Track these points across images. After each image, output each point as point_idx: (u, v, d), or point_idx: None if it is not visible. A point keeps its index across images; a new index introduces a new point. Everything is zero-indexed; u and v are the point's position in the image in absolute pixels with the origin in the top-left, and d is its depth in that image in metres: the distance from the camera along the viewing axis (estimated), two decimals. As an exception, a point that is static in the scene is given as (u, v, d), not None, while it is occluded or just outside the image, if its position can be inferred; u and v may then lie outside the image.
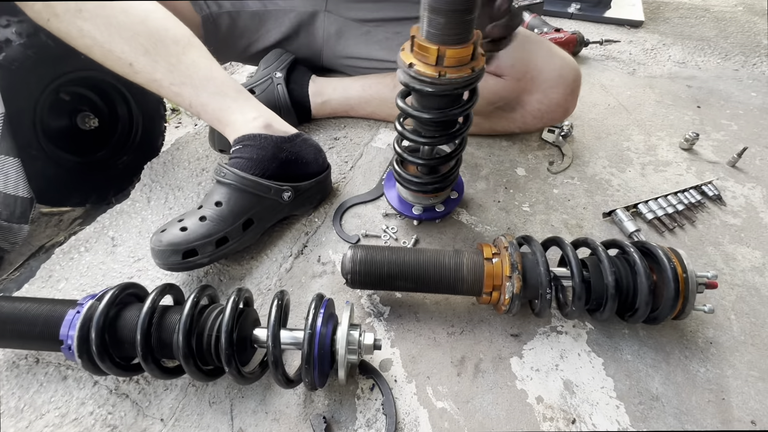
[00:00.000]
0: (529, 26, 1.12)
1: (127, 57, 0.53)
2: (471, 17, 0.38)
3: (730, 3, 1.38)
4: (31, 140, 0.62)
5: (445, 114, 0.46)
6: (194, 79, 0.55)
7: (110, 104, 0.74)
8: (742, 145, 0.79)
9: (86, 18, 0.51)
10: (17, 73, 0.57)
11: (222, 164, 0.54)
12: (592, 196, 0.69)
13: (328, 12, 0.78)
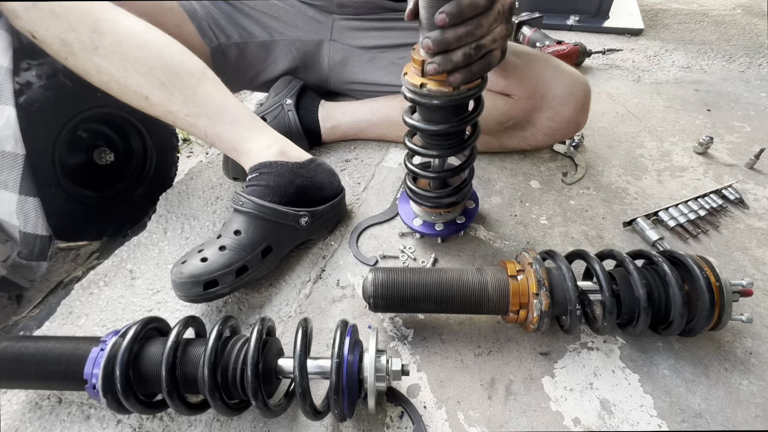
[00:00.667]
0: (530, 40, 1.14)
1: (143, 91, 0.55)
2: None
3: (728, 6, 1.39)
4: (51, 178, 0.64)
5: (452, 125, 0.46)
6: (209, 109, 0.56)
7: (125, 138, 0.76)
8: (757, 146, 0.78)
9: (102, 55, 0.53)
10: (37, 114, 0.59)
11: (239, 192, 0.55)
12: (610, 205, 0.68)
13: (333, 41, 0.80)
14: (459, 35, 0.36)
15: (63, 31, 0.51)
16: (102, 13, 0.53)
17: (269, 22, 0.76)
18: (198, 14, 0.69)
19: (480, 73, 0.40)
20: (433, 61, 0.38)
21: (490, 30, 0.37)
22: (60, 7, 0.51)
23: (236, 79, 0.81)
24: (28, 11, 0.51)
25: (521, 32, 1.17)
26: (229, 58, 0.76)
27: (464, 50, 0.37)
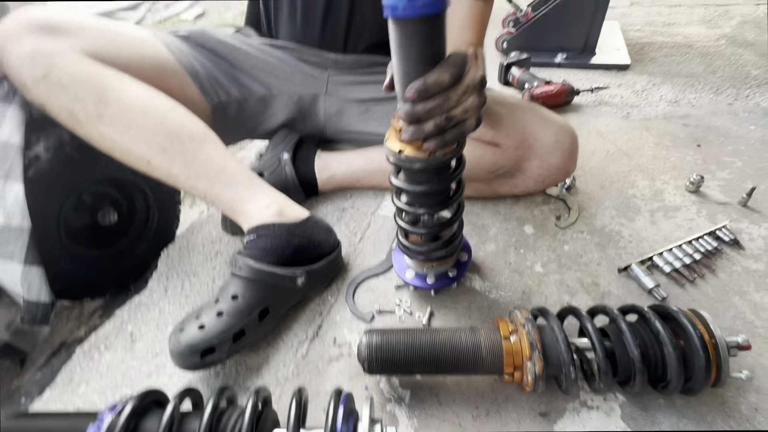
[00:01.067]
0: (519, 81, 1.17)
1: (146, 155, 0.57)
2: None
3: (712, 37, 1.43)
4: (55, 243, 0.65)
5: (433, 185, 0.48)
6: (209, 172, 0.59)
7: (128, 197, 0.78)
8: (749, 182, 0.78)
9: (107, 123, 0.55)
10: (45, 186, 0.61)
11: (237, 256, 0.56)
12: (605, 249, 0.69)
13: (328, 94, 0.83)
14: (428, 108, 0.38)
15: (70, 102, 0.54)
16: (108, 82, 0.56)
17: (267, 78, 0.80)
18: (200, 75, 0.72)
19: (453, 141, 0.42)
20: (407, 130, 0.40)
21: (459, 102, 0.39)
22: (68, 78, 0.54)
23: (236, 132, 0.84)
24: (38, 85, 0.54)
25: (510, 73, 1.21)
26: (230, 113, 0.79)
27: (435, 121, 0.39)
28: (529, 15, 1.38)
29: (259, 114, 0.82)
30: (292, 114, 0.84)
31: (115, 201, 0.77)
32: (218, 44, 0.76)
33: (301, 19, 0.76)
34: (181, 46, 0.71)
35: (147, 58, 0.65)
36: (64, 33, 0.56)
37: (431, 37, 0.35)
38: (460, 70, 0.38)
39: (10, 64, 0.53)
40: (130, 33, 0.66)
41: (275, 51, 0.80)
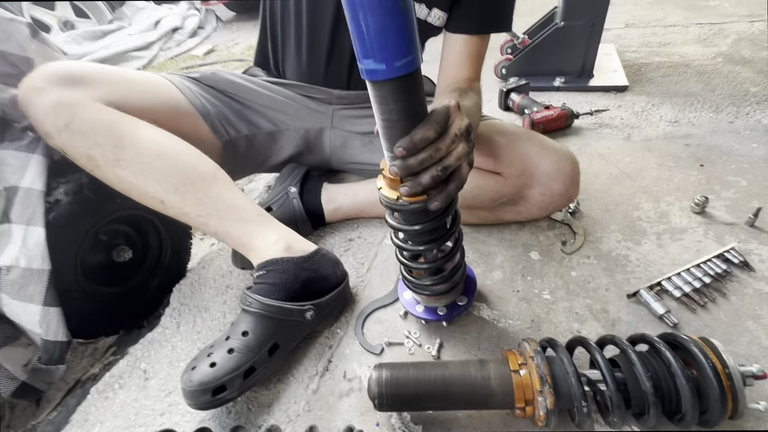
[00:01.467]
0: (519, 106, 1.20)
1: (160, 196, 0.60)
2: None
3: (709, 56, 1.45)
4: (72, 283, 0.67)
5: (429, 223, 0.48)
6: (219, 210, 0.61)
7: (142, 234, 0.81)
8: (755, 202, 0.78)
9: (123, 166, 0.58)
10: (64, 228, 0.64)
11: (247, 292, 0.57)
12: (612, 275, 0.69)
13: (333, 128, 0.86)
14: (420, 160, 0.39)
15: (89, 148, 0.57)
16: (124, 129, 0.59)
17: (275, 115, 0.83)
18: (210, 114, 0.76)
19: (456, 191, 0.43)
20: (404, 185, 0.41)
21: (450, 151, 0.41)
22: (88, 126, 0.57)
23: (246, 166, 0.87)
24: (60, 133, 0.57)
25: (510, 99, 1.24)
26: (239, 148, 0.81)
27: (431, 172, 0.40)
28: (526, 42, 1.42)
29: (267, 149, 0.85)
30: (299, 147, 0.87)
31: (130, 238, 0.79)
32: (228, 84, 0.79)
33: (306, 61, 0.79)
34: (192, 88, 0.74)
35: (161, 101, 0.69)
36: (84, 83, 0.59)
37: (408, 94, 0.37)
38: (444, 125, 0.40)
39: (36, 115, 0.57)
40: (145, 79, 0.70)
41: (282, 89, 0.83)
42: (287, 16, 0.76)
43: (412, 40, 0.33)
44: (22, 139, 0.64)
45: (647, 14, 1.98)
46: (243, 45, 2.70)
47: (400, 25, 0.31)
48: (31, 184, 0.62)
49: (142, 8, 2.87)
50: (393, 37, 0.32)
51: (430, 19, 0.71)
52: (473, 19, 0.69)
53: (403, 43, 0.32)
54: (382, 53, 0.32)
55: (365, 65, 0.34)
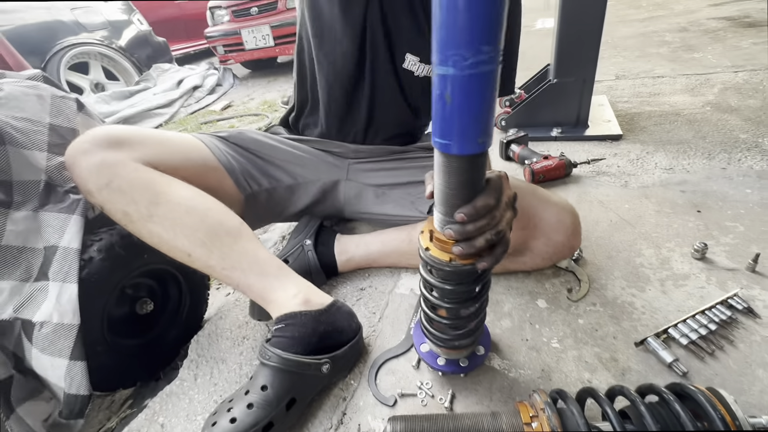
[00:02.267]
0: (519, 157, 1.27)
1: (187, 249, 0.63)
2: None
3: (698, 105, 1.53)
4: (98, 337, 0.70)
5: (467, 285, 0.51)
6: (243, 263, 0.64)
7: (163, 286, 0.84)
8: (754, 247, 0.81)
9: (156, 222, 0.63)
10: (94, 284, 0.68)
11: (266, 345, 0.60)
12: (619, 322, 0.70)
13: (348, 180, 0.92)
14: (479, 227, 0.42)
15: (126, 204, 0.62)
16: (159, 187, 0.64)
17: (294, 169, 0.89)
18: (235, 170, 0.81)
19: (503, 255, 0.46)
20: (459, 245, 0.44)
21: (502, 218, 0.44)
22: (126, 185, 0.62)
23: (266, 216, 0.92)
24: (101, 191, 0.62)
25: (510, 149, 1.31)
26: (260, 201, 0.86)
27: (486, 236, 0.43)
28: (523, 96, 1.52)
29: (286, 200, 0.90)
30: (315, 198, 0.92)
31: (152, 290, 0.83)
32: (252, 142, 0.86)
33: (324, 114, 0.87)
34: (220, 146, 0.81)
35: (192, 159, 0.75)
36: (126, 145, 0.66)
37: (475, 169, 0.40)
38: (500, 194, 0.44)
39: (80, 175, 0.62)
40: (179, 140, 0.76)
41: (302, 145, 0.91)
42: (312, 76, 0.84)
43: (489, 125, 0.36)
44: (64, 201, 0.71)
45: (635, 66, 2.11)
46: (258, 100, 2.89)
47: (482, 113, 0.34)
48: (69, 243, 0.68)
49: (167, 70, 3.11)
50: (474, 122, 0.34)
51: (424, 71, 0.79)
52: None
53: (483, 127, 0.35)
54: (460, 133, 0.35)
55: (440, 138, 0.37)
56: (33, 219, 0.69)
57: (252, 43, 3.41)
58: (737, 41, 2.22)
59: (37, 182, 0.69)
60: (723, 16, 2.80)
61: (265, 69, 4.13)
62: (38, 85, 0.75)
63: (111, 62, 2.95)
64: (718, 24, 2.64)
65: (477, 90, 0.33)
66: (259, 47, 3.42)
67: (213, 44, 3.61)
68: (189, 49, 4.69)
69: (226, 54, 3.59)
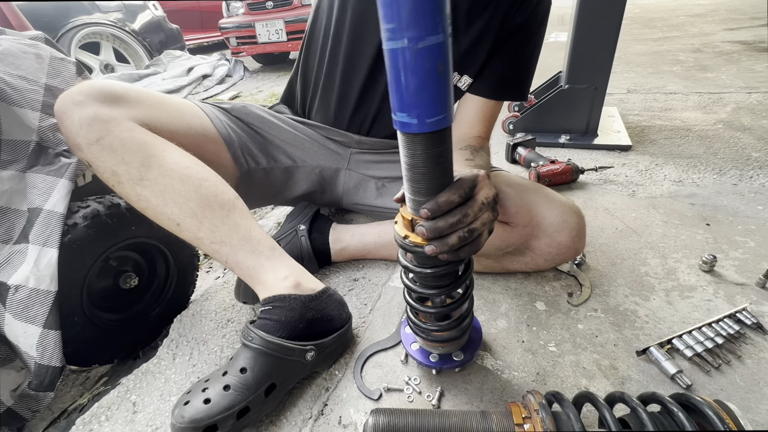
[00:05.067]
0: (525, 160, 1.24)
1: (176, 218, 0.60)
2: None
3: (710, 122, 1.51)
4: (76, 308, 0.68)
5: (441, 269, 0.48)
6: (233, 239, 0.61)
7: (151, 262, 0.82)
8: (765, 263, 0.78)
9: (146, 186, 0.59)
10: (76, 251, 0.65)
11: (249, 327, 0.57)
12: (621, 330, 0.67)
13: (349, 170, 0.89)
14: (450, 223, 0.41)
15: (116, 164, 0.58)
16: (154, 150, 0.60)
17: (294, 152, 0.86)
18: (234, 144, 0.78)
19: (467, 256, 0.44)
20: (431, 244, 0.42)
21: (477, 217, 0.42)
22: (118, 143, 0.58)
23: (259, 196, 0.88)
24: (91, 146, 0.58)
25: (517, 152, 1.29)
26: (256, 179, 0.83)
27: (459, 234, 0.41)
28: (533, 101, 1.50)
29: (283, 182, 0.87)
30: (313, 185, 0.89)
31: (138, 265, 0.81)
32: (255, 118, 0.83)
33: (335, 108, 0.84)
34: (221, 117, 0.78)
35: (191, 126, 0.71)
36: (123, 102, 0.62)
37: (435, 147, 0.38)
38: (469, 192, 0.42)
39: (70, 126, 0.58)
40: (179, 105, 0.73)
41: (306, 128, 0.88)
42: (322, 64, 0.81)
43: (446, 100, 0.35)
44: (53, 164, 0.68)
45: (648, 82, 2.09)
46: (266, 92, 2.88)
47: (436, 86, 0.33)
48: (54, 207, 0.65)
49: (178, 57, 3.12)
50: (429, 96, 0.34)
51: (460, 84, 0.76)
52: (493, 85, 0.74)
53: (438, 102, 0.34)
54: (416, 109, 0.34)
55: (399, 117, 0.36)
56: (19, 179, 0.67)
57: (265, 37, 3.42)
58: (752, 64, 2.20)
59: (28, 142, 0.67)
60: (738, 40, 2.78)
61: (276, 63, 4.14)
62: (38, 45, 0.72)
63: (122, 44, 2.95)
64: (732, 47, 2.62)
65: (429, 65, 0.32)
66: (271, 41, 3.42)
67: (226, 35, 3.62)
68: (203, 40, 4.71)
69: (239, 46, 3.60)
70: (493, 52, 0.73)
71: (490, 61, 0.73)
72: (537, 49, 0.75)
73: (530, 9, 0.70)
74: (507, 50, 0.72)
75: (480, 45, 0.71)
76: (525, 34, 0.71)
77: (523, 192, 0.72)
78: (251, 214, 0.65)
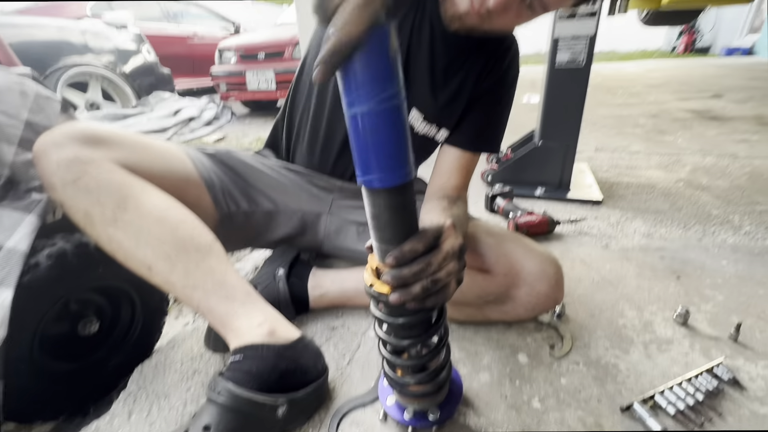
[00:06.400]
0: (504, 210, 1.28)
1: (148, 261, 0.57)
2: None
3: (672, 180, 1.62)
4: (25, 355, 0.62)
5: (414, 317, 0.47)
6: (207, 284, 0.58)
7: (115, 306, 0.77)
8: (734, 317, 0.80)
9: (119, 227, 0.56)
10: (35, 293, 0.61)
11: (219, 378, 0.53)
12: (603, 384, 0.66)
13: (330, 214, 0.89)
14: (414, 272, 0.41)
15: (90, 205, 0.56)
16: (131, 191, 0.58)
17: (276, 195, 0.85)
18: (216, 187, 0.76)
19: (433, 306, 0.44)
20: (395, 293, 0.42)
21: (441, 267, 0.43)
22: (95, 184, 0.56)
23: (239, 240, 0.85)
24: (66, 187, 0.55)
25: (496, 203, 1.33)
26: (236, 222, 0.80)
27: (422, 284, 0.42)
28: (509, 155, 1.58)
29: (263, 226, 0.85)
30: (294, 229, 0.87)
31: (100, 309, 0.75)
32: (238, 163, 0.83)
33: (320, 153, 0.85)
34: (204, 161, 0.78)
35: (173, 170, 0.70)
36: (105, 144, 0.61)
37: (398, 200, 0.39)
38: (433, 241, 0.43)
39: (47, 167, 0.56)
40: (163, 147, 0.72)
41: (288, 173, 0.88)
42: (307, 114, 0.84)
43: (405, 157, 0.37)
44: (23, 199, 0.65)
45: (613, 141, 2.26)
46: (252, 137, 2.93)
47: (394, 145, 0.36)
48: (16, 245, 0.61)
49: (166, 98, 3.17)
50: (388, 154, 0.36)
51: (438, 136, 0.79)
52: (469, 138, 0.78)
53: (397, 160, 0.36)
54: (378, 169, 0.36)
55: (361, 175, 0.38)
56: (-18, 215, 0.63)
57: (255, 85, 3.54)
58: (703, 130, 2.42)
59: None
60: (689, 109, 3.08)
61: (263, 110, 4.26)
62: (24, 81, 0.72)
63: (111, 84, 2.99)
64: (685, 114, 2.89)
65: (380, 127, 0.34)
66: (261, 89, 3.55)
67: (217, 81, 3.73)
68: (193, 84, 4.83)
69: (228, 92, 3.71)
70: (468, 109, 0.77)
71: (466, 116, 0.78)
72: (508, 108, 0.80)
73: (500, 72, 0.76)
74: (481, 107, 0.77)
75: (456, 101, 0.76)
76: (497, 94, 0.77)
77: (503, 241, 0.73)
78: (228, 258, 0.64)
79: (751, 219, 1.24)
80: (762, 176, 1.62)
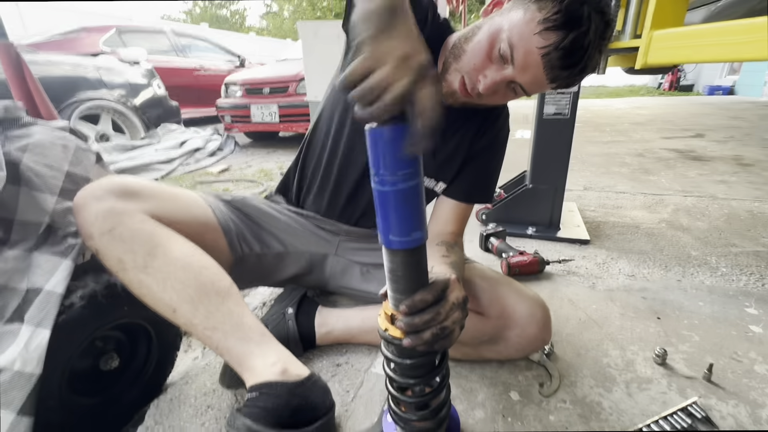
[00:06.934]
0: (497, 249, 1.36)
1: (174, 304, 0.63)
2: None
3: (654, 221, 1.72)
4: (53, 392, 0.66)
5: (419, 359, 0.53)
6: (226, 325, 0.64)
7: (133, 341, 0.82)
8: (708, 357, 0.87)
9: (149, 273, 0.63)
10: (67, 331, 0.66)
11: (237, 414, 0.58)
12: (588, 422, 0.71)
13: (336, 255, 0.96)
14: (425, 320, 0.48)
15: (123, 252, 0.63)
16: (160, 239, 0.66)
17: (286, 238, 0.92)
18: (232, 232, 0.84)
19: (441, 349, 0.51)
20: (408, 338, 0.49)
21: (448, 316, 0.50)
22: (129, 234, 0.63)
23: (251, 279, 0.92)
24: (102, 236, 0.63)
25: (490, 242, 1.41)
26: (248, 263, 0.87)
27: (432, 331, 0.49)
28: (502, 195, 1.67)
29: (274, 266, 0.92)
30: (302, 269, 0.94)
31: (120, 345, 0.80)
32: (251, 209, 0.91)
33: (328, 200, 0.94)
34: (222, 208, 0.86)
35: (195, 217, 0.78)
36: (137, 197, 0.69)
37: (414, 260, 0.48)
38: (441, 293, 0.51)
39: (87, 218, 0.64)
40: (186, 197, 0.80)
41: (298, 217, 0.96)
42: (319, 166, 0.93)
43: (420, 223, 0.45)
44: (60, 244, 0.72)
45: (601, 181, 2.38)
46: (255, 168, 3.03)
47: (412, 216, 0.44)
48: (54, 287, 0.68)
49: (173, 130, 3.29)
50: (407, 222, 0.44)
51: (437, 188, 0.88)
52: (463, 190, 0.87)
53: (414, 226, 0.45)
54: (399, 232, 0.44)
55: (383, 237, 0.46)
56: (23, 259, 0.69)
57: (259, 117, 3.69)
58: (685, 170, 2.55)
59: (39, 223, 0.71)
60: (672, 148, 3.25)
61: (266, 141, 4.40)
62: (66, 136, 0.81)
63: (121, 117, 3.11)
64: (669, 154, 3.05)
65: (401, 202, 0.43)
66: (264, 122, 3.69)
67: (222, 113, 3.88)
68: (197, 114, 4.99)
69: (233, 123, 3.85)
70: (463, 165, 0.87)
71: (461, 171, 0.87)
72: (499, 164, 0.90)
73: (493, 134, 0.86)
74: (475, 164, 0.86)
75: (453, 159, 0.85)
76: (490, 152, 0.87)
77: (496, 285, 0.81)
78: (244, 301, 0.70)
79: (726, 261, 1.33)
80: (738, 218, 1.72)
